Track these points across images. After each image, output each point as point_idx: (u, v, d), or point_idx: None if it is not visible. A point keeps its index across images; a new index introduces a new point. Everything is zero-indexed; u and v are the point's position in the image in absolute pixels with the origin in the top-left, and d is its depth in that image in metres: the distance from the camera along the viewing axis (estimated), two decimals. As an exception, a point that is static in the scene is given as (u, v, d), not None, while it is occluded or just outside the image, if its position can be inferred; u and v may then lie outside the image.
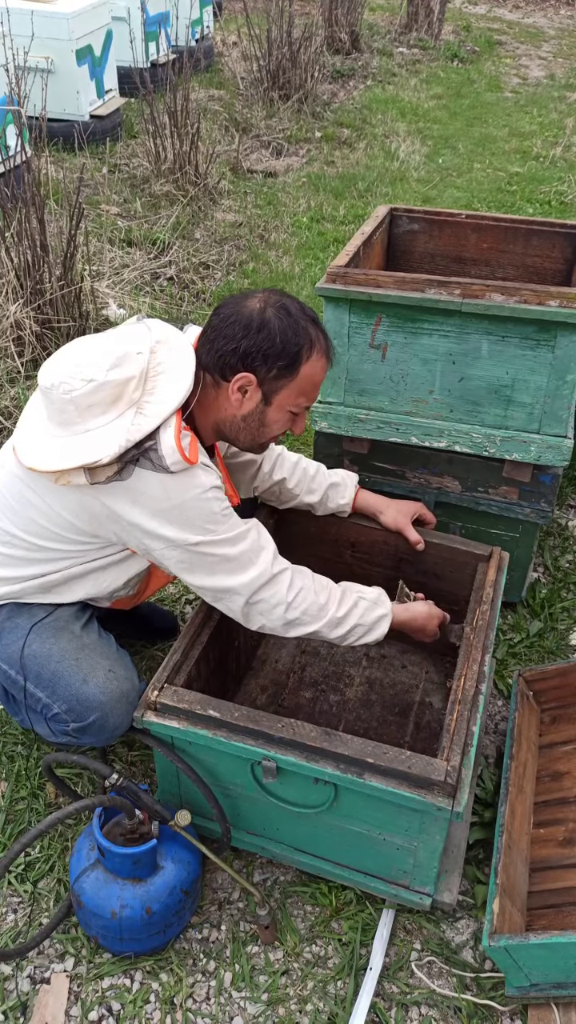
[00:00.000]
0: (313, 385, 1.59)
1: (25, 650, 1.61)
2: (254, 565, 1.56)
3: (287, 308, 1.53)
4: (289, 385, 1.55)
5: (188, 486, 1.47)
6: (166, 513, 1.47)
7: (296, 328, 1.52)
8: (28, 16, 4.35)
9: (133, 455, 1.43)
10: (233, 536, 1.54)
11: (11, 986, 1.56)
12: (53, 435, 1.49)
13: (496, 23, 9.94)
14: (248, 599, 1.57)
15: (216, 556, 1.53)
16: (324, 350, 1.58)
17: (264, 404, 1.56)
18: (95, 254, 3.91)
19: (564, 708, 1.95)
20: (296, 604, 1.58)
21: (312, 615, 1.60)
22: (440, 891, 1.61)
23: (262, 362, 1.51)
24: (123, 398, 1.46)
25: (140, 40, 5.76)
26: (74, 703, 1.56)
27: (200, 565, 1.54)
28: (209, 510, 1.50)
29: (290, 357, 1.52)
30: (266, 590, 1.57)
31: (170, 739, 1.59)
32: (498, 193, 5.28)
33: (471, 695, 1.56)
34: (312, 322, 1.56)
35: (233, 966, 1.60)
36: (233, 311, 1.53)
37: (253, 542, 1.57)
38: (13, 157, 3.48)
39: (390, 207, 2.53)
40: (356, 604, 1.65)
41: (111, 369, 1.45)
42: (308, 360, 1.54)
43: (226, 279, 4.11)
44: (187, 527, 1.49)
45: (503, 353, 1.92)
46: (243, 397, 1.55)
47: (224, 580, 1.55)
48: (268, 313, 1.51)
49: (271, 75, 6.19)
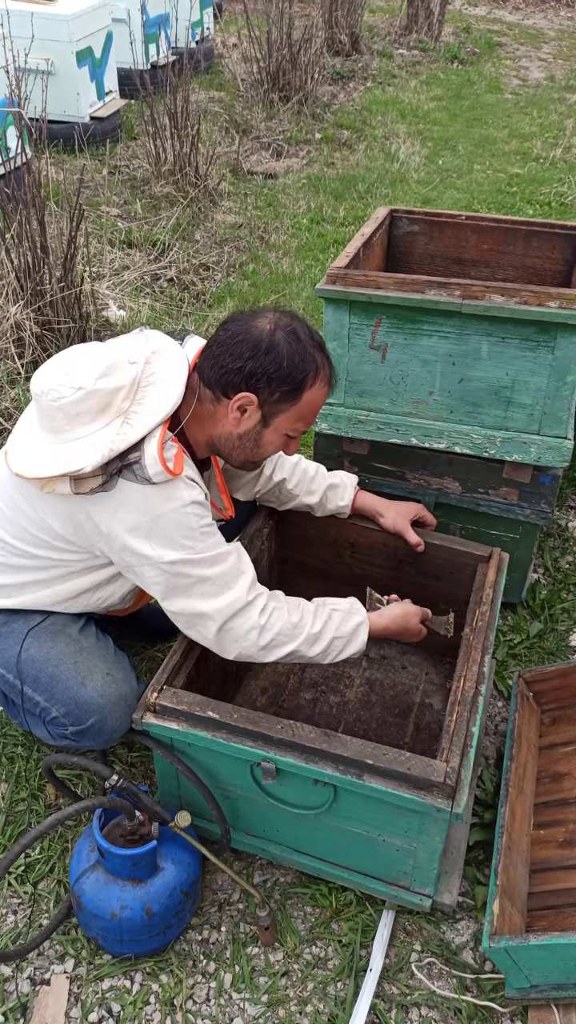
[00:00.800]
0: (312, 411, 1.58)
1: (22, 654, 1.61)
2: (230, 590, 1.53)
3: (297, 333, 1.52)
4: (290, 410, 1.54)
5: (168, 498, 1.45)
6: (144, 526, 1.46)
7: (304, 354, 1.51)
8: (28, 18, 4.35)
9: (117, 466, 1.42)
10: (211, 556, 1.51)
11: (11, 987, 1.56)
12: (42, 442, 1.48)
13: (496, 24, 9.95)
14: (221, 625, 1.53)
15: (192, 577, 1.50)
16: (327, 378, 1.57)
17: (262, 425, 1.55)
18: (95, 255, 3.91)
19: (564, 709, 1.95)
20: (269, 626, 1.55)
21: (287, 634, 1.57)
22: (440, 892, 1.61)
23: (266, 384, 1.50)
24: (111, 407, 1.45)
25: (140, 42, 5.77)
26: (72, 707, 1.56)
27: (175, 587, 1.51)
28: (187, 525, 1.47)
29: (295, 383, 1.51)
30: (239, 616, 1.53)
31: (169, 741, 1.59)
32: (498, 194, 5.28)
33: (471, 696, 1.56)
34: (319, 349, 1.55)
35: (233, 967, 1.60)
36: (242, 329, 1.52)
37: (232, 565, 1.54)
38: (13, 159, 3.49)
39: (390, 208, 2.53)
40: (330, 617, 1.62)
41: (100, 378, 1.44)
42: (311, 387, 1.53)
43: (226, 280, 4.11)
44: (164, 542, 1.47)
45: (503, 354, 1.92)
46: (242, 416, 1.53)
47: (198, 604, 1.52)
48: (278, 336, 1.50)
49: (271, 77, 6.19)
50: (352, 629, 1.63)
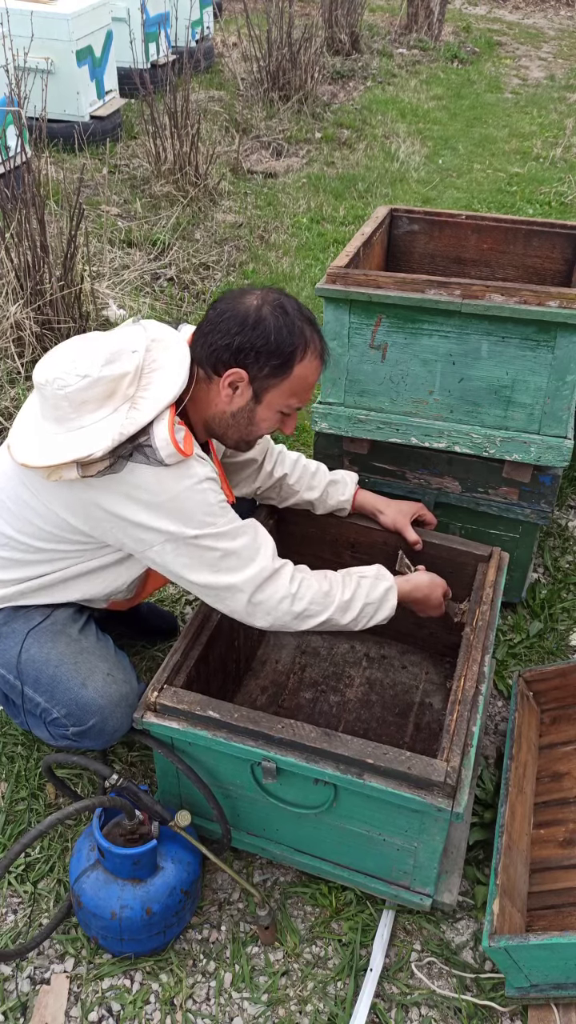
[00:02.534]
0: (305, 386, 1.58)
1: (22, 655, 1.60)
2: (255, 561, 1.55)
3: (284, 307, 1.52)
4: (281, 384, 1.54)
5: (183, 476, 1.46)
6: (162, 505, 1.46)
7: (292, 328, 1.51)
8: (28, 17, 4.34)
9: (127, 449, 1.43)
10: (232, 529, 1.52)
11: (11, 987, 1.56)
12: (47, 431, 1.48)
13: (496, 24, 9.95)
14: (251, 596, 1.55)
15: (217, 550, 1.51)
16: (319, 352, 1.57)
17: (254, 402, 1.56)
18: (95, 255, 3.91)
19: (564, 709, 1.95)
20: (301, 595, 1.57)
21: (319, 603, 1.59)
22: (440, 892, 1.61)
23: (255, 359, 1.50)
24: (117, 394, 1.46)
25: (140, 41, 5.76)
26: (73, 707, 1.56)
27: (201, 561, 1.52)
28: (205, 501, 1.49)
29: (283, 356, 1.51)
30: (268, 585, 1.56)
31: (170, 740, 1.59)
32: (498, 194, 5.28)
33: (471, 696, 1.56)
34: (308, 323, 1.55)
35: (233, 967, 1.60)
36: (229, 306, 1.52)
37: (252, 538, 1.56)
38: (13, 158, 3.48)
39: (390, 208, 2.53)
40: (359, 584, 1.65)
41: (105, 365, 1.44)
42: (302, 361, 1.53)
43: (226, 280, 4.11)
44: (184, 519, 1.48)
45: (503, 354, 1.92)
46: (233, 393, 1.54)
47: (226, 577, 1.53)
48: (264, 311, 1.50)
49: (271, 76, 6.19)
50: (382, 594, 1.66)
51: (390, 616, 1.67)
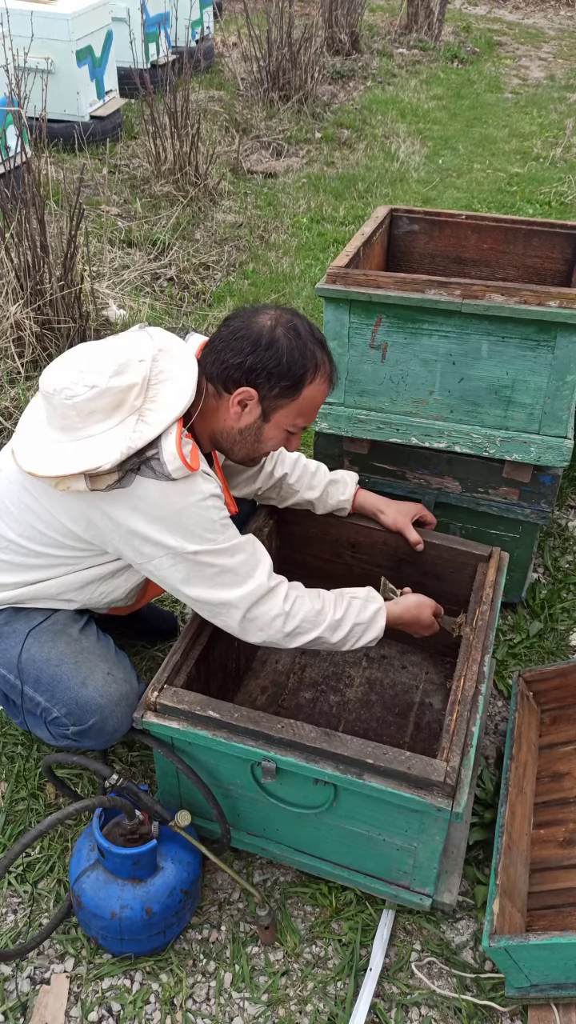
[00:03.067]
0: (313, 407, 1.59)
1: (23, 654, 1.61)
2: (251, 578, 1.55)
3: (297, 329, 1.53)
4: (290, 405, 1.55)
5: (188, 492, 1.46)
6: (166, 520, 1.47)
7: (304, 350, 1.52)
8: (28, 17, 4.35)
9: (135, 463, 1.43)
10: (231, 547, 1.53)
11: (11, 987, 1.56)
12: (54, 440, 1.48)
13: (496, 24, 9.95)
14: (245, 613, 1.55)
15: (215, 567, 1.52)
16: (328, 374, 1.58)
17: (262, 420, 1.56)
18: (95, 255, 3.91)
19: (564, 709, 1.95)
20: (294, 613, 1.58)
21: (311, 621, 1.59)
22: (440, 892, 1.61)
23: (265, 379, 1.51)
24: (125, 405, 1.46)
25: (140, 41, 5.77)
26: (73, 707, 1.56)
27: (198, 576, 1.53)
28: (208, 518, 1.49)
29: (294, 378, 1.52)
30: (263, 603, 1.56)
31: (170, 740, 1.59)
32: (498, 194, 5.28)
33: (471, 695, 1.56)
34: (320, 346, 1.56)
35: (233, 967, 1.60)
36: (243, 324, 1.53)
37: (250, 555, 1.56)
38: (13, 158, 3.49)
39: (390, 208, 2.53)
40: (350, 604, 1.65)
41: (114, 376, 1.44)
42: (312, 383, 1.54)
43: (226, 280, 4.11)
44: (186, 535, 1.48)
45: (503, 354, 1.92)
46: (242, 411, 1.54)
47: (222, 593, 1.54)
48: (278, 332, 1.51)
49: (271, 76, 6.19)
50: (371, 615, 1.66)
51: (378, 638, 1.68)
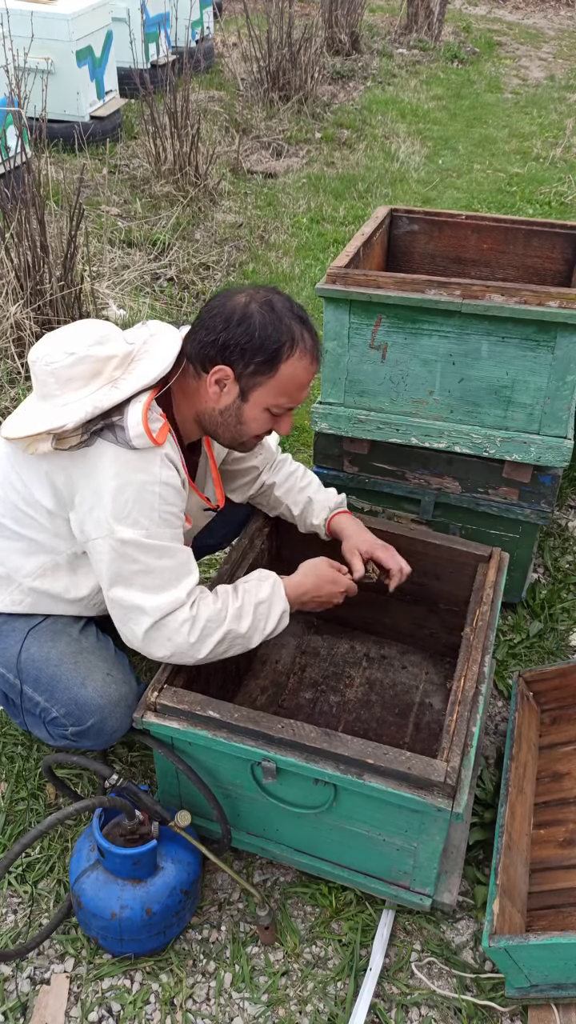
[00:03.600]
0: (296, 386, 1.54)
1: (22, 654, 1.60)
2: (171, 590, 1.49)
3: (272, 304, 1.50)
4: (267, 383, 1.52)
5: (141, 469, 1.43)
6: (112, 492, 1.43)
7: (278, 325, 1.48)
8: (28, 17, 4.35)
9: (100, 425, 1.42)
10: (161, 547, 1.47)
11: (11, 987, 1.56)
12: (33, 408, 1.50)
13: (496, 24, 9.95)
14: (155, 622, 1.49)
15: (138, 563, 1.46)
16: (310, 350, 1.53)
17: (241, 400, 1.53)
18: (95, 255, 3.91)
19: (564, 709, 1.95)
20: (199, 616, 1.51)
21: (215, 620, 1.53)
22: (440, 892, 1.61)
23: (240, 356, 1.48)
24: (103, 375, 1.46)
25: (140, 41, 5.77)
26: (72, 707, 1.56)
27: (120, 573, 1.47)
28: (150, 504, 1.45)
29: (268, 354, 1.48)
30: (174, 615, 1.50)
31: (170, 740, 1.59)
32: (498, 194, 5.28)
33: (471, 696, 1.56)
34: (299, 321, 1.52)
35: (233, 967, 1.60)
36: (220, 303, 1.51)
37: (179, 564, 1.51)
38: (13, 158, 3.49)
39: (390, 208, 2.53)
40: (245, 590, 1.60)
41: (94, 345, 1.46)
42: (289, 359, 1.50)
43: (226, 280, 4.11)
44: (122, 514, 1.44)
45: (503, 354, 1.92)
46: (220, 391, 1.53)
47: (137, 596, 1.48)
48: (251, 307, 1.49)
49: (271, 76, 6.19)
50: (269, 591, 1.61)
51: (286, 611, 1.62)
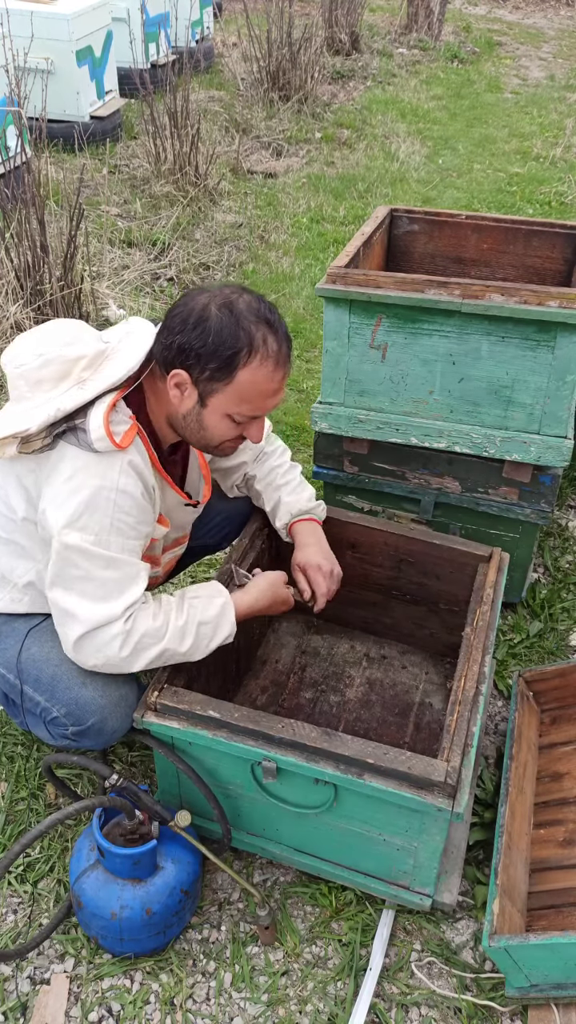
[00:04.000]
0: (258, 394, 1.46)
1: (23, 654, 1.60)
2: (111, 601, 1.44)
3: (232, 305, 1.42)
4: (225, 390, 1.45)
5: (97, 473, 1.40)
6: (64, 494, 1.41)
7: (235, 329, 1.41)
8: (28, 17, 4.35)
9: (63, 427, 1.40)
10: (108, 557, 1.43)
11: (11, 987, 1.56)
12: (5, 412, 1.49)
13: (496, 24, 9.95)
14: (84, 633, 1.45)
15: (80, 569, 1.42)
16: (273, 356, 1.44)
17: (200, 405, 1.47)
18: (95, 255, 3.91)
19: (564, 708, 1.95)
20: (134, 630, 1.47)
21: (152, 635, 1.49)
22: (440, 892, 1.61)
23: (195, 361, 1.42)
24: (71, 376, 1.45)
25: (140, 41, 5.77)
26: (72, 707, 1.56)
27: (61, 575, 1.43)
28: (102, 509, 1.40)
29: (223, 360, 1.41)
30: (107, 628, 1.46)
31: (170, 740, 1.59)
32: (498, 194, 5.28)
33: (471, 696, 1.56)
34: (264, 323, 1.43)
35: (233, 967, 1.60)
36: (183, 303, 1.45)
37: (123, 578, 1.45)
38: (13, 158, 3.49)
39: (390, 208, 2.53)
40: (192, 605, 1.55)
41: (64, 346, 1.44)
42: (247, 365, 1.42)
43: (226, 280, 4.11)
44: (72, 516, 1.40)
45: (503, 353, 1.92)
46: (181, 395, 1.47)
47: (72, 601, 1.44)
48: (209, 310, 1.41)
49: (271, 76, 6.19)
50: (217, 611, 1.56)
51: (232, 632, 1.58)
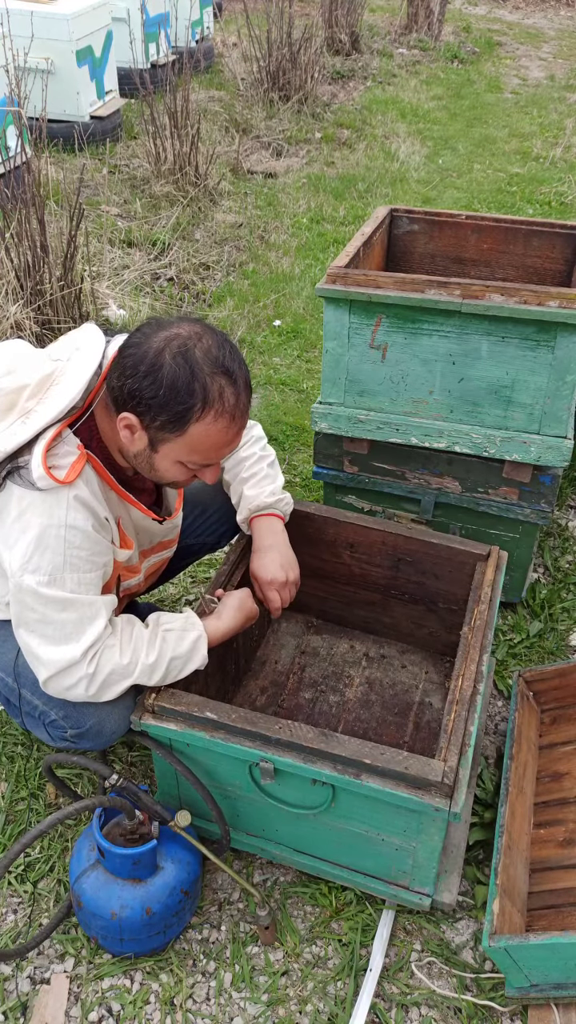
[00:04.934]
0: (210, 447, 1.41)
1: (20, 658, 1.59)
2: (70, 643, 1.42)
3: (188, 355, 1.34)
4: (176, 440, 1.39)
5: (43, 512, 1.36)
6: (13, 536, 1.37)
7: (190, 383, 1.34)
8: (28, 17, 4.36)
9: (10, 468, 1.36)
10: (60, 599, 1.39)
11: (11, 986, 1.56)
12: None
13: (496, 24, 9.95)
14: (51, 675, 1.44)
15: (36, 612, 1.40)
16: (228, 411, 1.38)
17: (151, 450, 1.42)
18: (95, 255, 3.91)
19: (564, 708, 1.95)
20: (99, 671, 1.45)
21: (120, 673, 1.47)
22: (440, 891, 1.61)
23: (146, 409, 1.36)
24: (16, 407, 1.39)
25: (140, 41, 5.77)
26: (70, 709, 1.55)
27: (21, 617, 1.42)
28: (52, 548, 1.37)
29: (175, 414, 1.35)
30: (70, 671, 1.44)
31: (168, 741, 1.59)
32: (498, 194, 5.28)
33: (469, 695, 1.56)
34: (222, 373, 1.36)
35: (233, 967, 1.60)
36: (138, 340, 1.37)
37: (82, 617, 1.42)
38: (13, 158, 3.49)
39: (390, 208, 2.53)
40: (164, 640, 1.52)
41: (3, 376, 1.40)
42: (200, 420, 1.36)
43: (226, 280, 4.11)
44: (24, 557, 1.37)
45: (503, 354, 1.92)
46: (131, 436, 1.41)
47: (36, 645, 1.43)
48: (163, 357, 1.34)
49: (271, 76, 6.19)
50: (189, 646, 1.55)
51: (203, 664, 1.57)
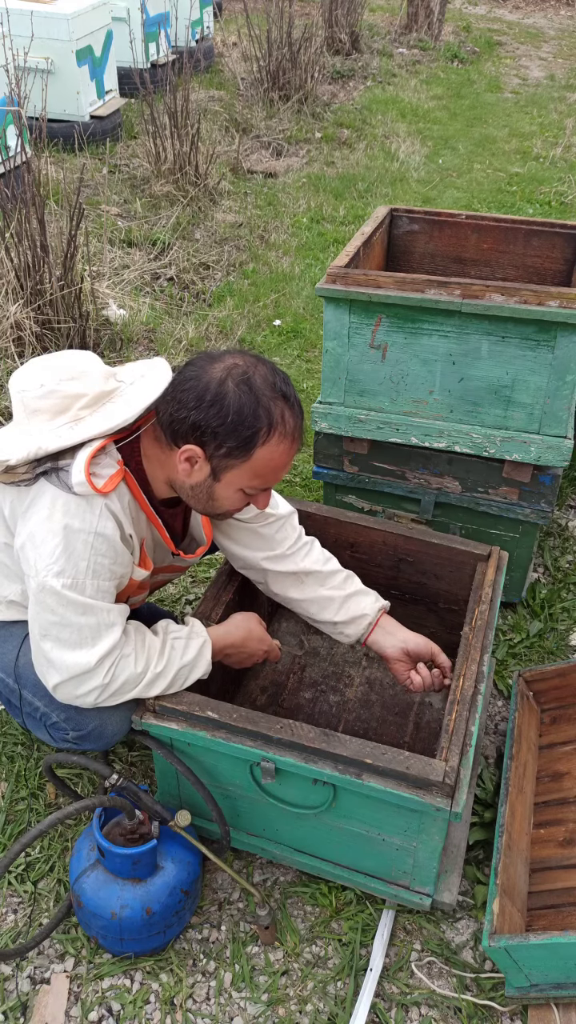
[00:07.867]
0: (272, 469, 1.44)
1: (20, 659, 1.60)
2: (86, 648, 1.43)
3: (250, 382, 1.38)
4: (241, 466, 1.42)
5: (76, 515, 1.38)
6: (40, 535, 1.38)
7: (255, 407, 1.37)
8: (28, 16, 4.35)
9: (48, 467, 1.39)
10: (82, 603, 1.40)
11: (11, 986, 1.56)
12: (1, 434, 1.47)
13: (496, 23, 9.95)
14: (62, 681, 1.45)
15: (56, 615, 1.40)
16: (290, 432, 1.42)
17: (213, 479, 1.45)
18: (95, 254, 3.91)
19: (564, 708, 1.95)
20: (114, 680, 1.46)
21: (132, 683, 1.49)
22: (440, 891, 1.61)
23: (212, 438, 1.38)
24: (69, 412, 1.42)
25: (140, 41, 5.77)
26: (72, 712, 1.55)
27: (37, 618, 1.42)
28: (79, 552, 1.38)
29: (242, 439, 1.38)
30: (82, 679, 1.45)
31: (169, 740, 1.59)
32: (498, 193, 5.28)
33: (470, 695, 1.56)
34: (281, 398, 1.40)
35: (233, 966, 1.60)
36: (194, 374, 1.40)
37: (101, 623, 1.44)
38: (13, 157, 3.49)
39: (390, 207, 2.53)
40: (172, 647, 1.54)
41: (66, 380, 1.42)
42: (265, 444, 1.40)
43: (226, 279, 4.11)
44: (48, 559, 1.38)
45: (503, 353, 1.92)
46: (192, 467, 1.43)
47: (51, 649, 1.43)
48: (227, 385, 1.37)
49: (271, 76, 6.19)
50: (195, 653, 1.57)
51: (207, 671, 1.58)
